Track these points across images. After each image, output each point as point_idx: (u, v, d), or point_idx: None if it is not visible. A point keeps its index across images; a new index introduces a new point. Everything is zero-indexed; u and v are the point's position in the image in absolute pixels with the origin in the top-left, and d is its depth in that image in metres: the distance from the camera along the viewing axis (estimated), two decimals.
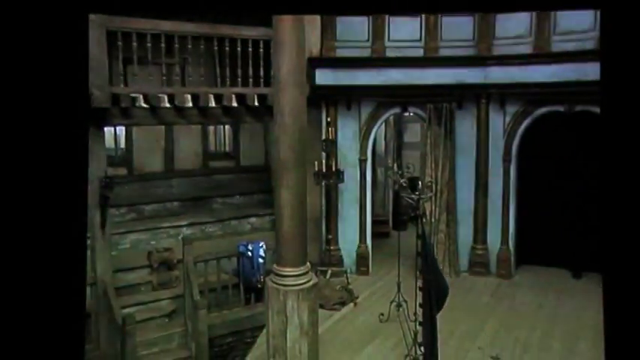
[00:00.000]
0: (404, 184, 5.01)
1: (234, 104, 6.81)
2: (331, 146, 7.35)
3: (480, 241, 7.49)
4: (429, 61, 7.15)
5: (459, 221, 7.56)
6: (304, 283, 4.81)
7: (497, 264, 7.40)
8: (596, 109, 6.65)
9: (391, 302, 5.87)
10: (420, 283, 4.57)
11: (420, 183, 4.77)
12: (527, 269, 7.56)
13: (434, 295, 4.11)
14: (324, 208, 7.78)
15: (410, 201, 4.65)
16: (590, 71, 6.31)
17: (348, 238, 7.77)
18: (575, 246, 7.18)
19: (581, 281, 7.15)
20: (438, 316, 4.44)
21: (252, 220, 8.71)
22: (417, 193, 4.65)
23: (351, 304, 6.53)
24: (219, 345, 6.36)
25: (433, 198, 7.45)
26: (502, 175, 7.33)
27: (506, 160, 7.29)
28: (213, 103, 6.65)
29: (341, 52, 7.31)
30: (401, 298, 5.80)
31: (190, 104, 6.48)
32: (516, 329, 5.66)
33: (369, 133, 7.72)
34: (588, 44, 6.26)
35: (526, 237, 7.57)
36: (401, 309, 5.76)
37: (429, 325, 4.13)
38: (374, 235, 8.42)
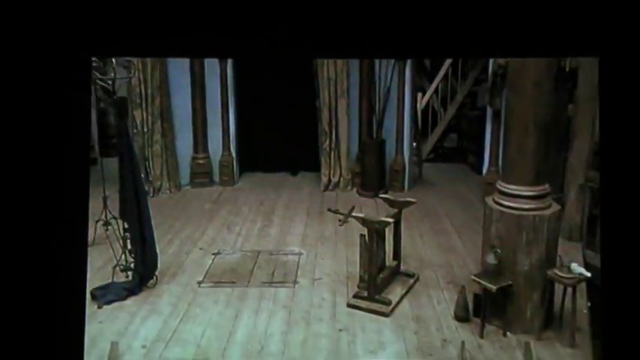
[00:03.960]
0: (99, 71, 4.46)
1: None
2: None
3: (200, 150, 7.50)
4: None
5: (177, 130, 7.38)
6: None
7: (220, 171, 7.58)
8: None
9: (97, 222, 5.36)
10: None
11: (114, 61, 4.29)
12: (250, 175, 7.98)
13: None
14: None
15: (104, 84, 4.16)
16: None
17: None
18: (292, 148, 7.87)
19: (297, 177, 8.04)
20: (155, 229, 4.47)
21: None
22: (112, 74, 4.18)
23: None
24: None
25: (144, 105, 7.03)
26: (219, 75, 7.35)
27: None
28: None
29: None
30: (109, 216, 5.36)
31: None
32: (237, 227, 6.08)
33: None
34: None
35: (249, 144, 7.90)
36: (110, 227, 5.34)
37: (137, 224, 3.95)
38: None
